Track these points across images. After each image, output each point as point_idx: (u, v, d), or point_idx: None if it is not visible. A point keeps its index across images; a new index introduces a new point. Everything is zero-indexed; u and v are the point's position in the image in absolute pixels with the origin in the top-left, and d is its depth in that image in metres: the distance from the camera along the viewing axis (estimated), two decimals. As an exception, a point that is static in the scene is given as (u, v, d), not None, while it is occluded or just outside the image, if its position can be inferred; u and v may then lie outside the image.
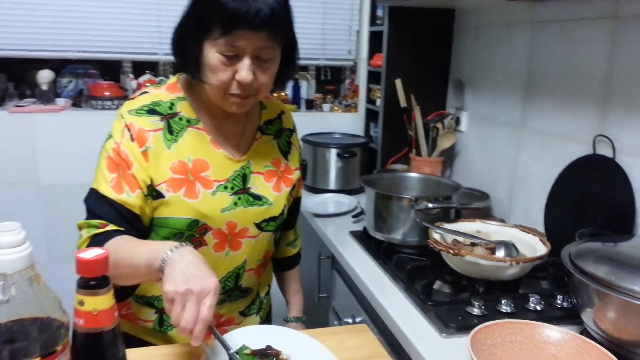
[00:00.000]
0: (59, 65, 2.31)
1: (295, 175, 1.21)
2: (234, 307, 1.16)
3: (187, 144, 1.04)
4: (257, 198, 1.10)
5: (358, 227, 1.71)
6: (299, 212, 1.36)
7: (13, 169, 2.14)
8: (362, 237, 1.61)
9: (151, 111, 1.03)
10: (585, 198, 1.42)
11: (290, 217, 1.29)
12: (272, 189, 1.13)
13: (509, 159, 1.80)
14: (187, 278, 0.79)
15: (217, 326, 1.09)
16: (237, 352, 0.88)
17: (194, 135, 1.05)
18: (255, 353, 0.88)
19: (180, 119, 1.05)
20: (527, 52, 1.70)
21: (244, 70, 0.94)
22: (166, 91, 1.07)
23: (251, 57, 0.95)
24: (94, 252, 0.63)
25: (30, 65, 2.27)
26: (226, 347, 0.83)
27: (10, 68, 2.26)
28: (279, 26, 0.95)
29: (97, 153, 1.04)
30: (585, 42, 1.46)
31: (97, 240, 0.95)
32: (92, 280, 0.62)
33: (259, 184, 1.11)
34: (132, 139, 1.00)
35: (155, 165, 1.00)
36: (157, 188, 1.01)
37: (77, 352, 0.63)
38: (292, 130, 1.24)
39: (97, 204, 0.98)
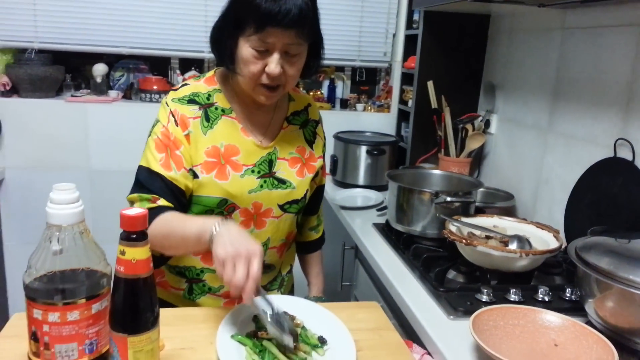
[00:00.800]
0: (113, 60, 2.48)
1: (319, 163, 1.30)
2: None
3: (220, 131, 1.15)
4: (282, 182, 1.20)
5: (381, 219, 1.79)
6: (323, 200, 1.45)
7: (67, 154, 2.32)
8: (384, 229, 1.68)
9: (191, 101, 1.15)
10: (604, 200, 1.45)
11: (313, 203, 1.38)
12: (295, 174, 1.23)
13: (535, 161, 1.83)
14: (235, 244, 0.89)
15: (239, 299, 1.20)
16: (256, 315, 0.98)
17: (227, 123, 1.17)
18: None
19: (216, 108, 1.17)
20: (557, 58, 1.74)
21: (273, 63, 1.05)
22: (204, 83, 1.19)
23: (280, 52, 1.05)
24: (135, 210, 0.74)
25: (86, 60, 2.46)
26: (272, 305, 0.92)
27: (68, 61, 2.44)
28: (306, 25, 1.04)
29: (143, 141, 1.16)
30: (611, 48, 1.49)
31: (151, 215, 1.04)
32: (132, 234, 0.73)
33: (284, 169, 1.21)
34: (177, 124, 1.12)
35: (195, 148, 1.12)
36: (194, 169, 1.12)
37: (118, 294, 0.74)
38: (318, 122, 1.33)
39: (150, 179, 1.10)
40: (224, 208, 1.15)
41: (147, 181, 1.10)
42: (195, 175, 1.13)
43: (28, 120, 2.27)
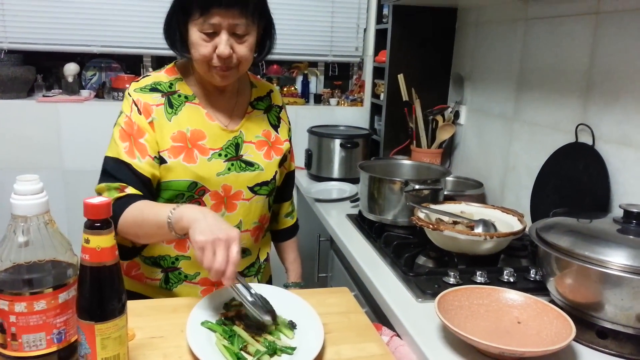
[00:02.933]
0: (84, 59, 2.47)
1: (285, 146, 1.33)
2: None
3: (185, 116, 1.18)
4: (250, 164, 1.24)
5: (355, 211, 1.82)
6: (296, 191, 1.48)
7: (39, 154, 2.30)
8: (357, 219, 1.71)
9: (153, 89, 1.18)
10: (567, 183, 1.50)
11: (286, 189, 1.44)
12: (263, 157, 1.26)
13: (502, 149, 1.88)
14: (214, 229, 0.92)
15: (219, 284, 1.23)
16: (226, 303, 1.00)
17: (191, 109, 1.20)
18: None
19: (179, 95, 1.20)
20: (520, 48, 1.79)
21: (222, 44, 1.09)
22: (165, 74, 1.23)
23: (228, 33, 1.09)
24: (99, 199, 0.75)
25: (57, 59, 2.44)
26: (249, 289, 0.96)
27: (39, 61, 2.42)
28: (249, 3, 1.09)
29: None
30: (570, 37, 1.54)
31: (120, 204, 1.08)
32: (96, 222, 0.74)
33: (250, 152, 1.25)
34: (140, 112, 1.15)
35: (160, 134, 1.15)
36: (161, 154, 1.15)
37: (84, 283, 0.75)
38: (281, 107, 1.38)
39: (116, 168, 1.12)
40: (194, 191, 1.17)
41: (113, 170, 1.12)
42: (163, 161, 1.15)
43: (-1, 122, 2.25)
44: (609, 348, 0.98)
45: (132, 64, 2.53)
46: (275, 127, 1.33)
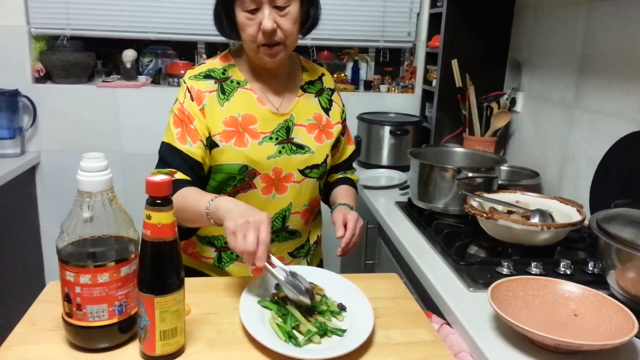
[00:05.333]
0: (141, 46, 2.54)
1: (336, 129, 1.33)
2: (283, 248, 1.30)
3: (237, 102, 1.21)
4: (300, 147, 1.25)
5: (404, 198, 1.80)
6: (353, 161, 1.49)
7: (99, 137, 2.39)
8: (407, 207, 1.69)
9: (207, 76, 1.21)
10: (631, 174, 1.43)
11: (343, 168, 1.45)
12: (314, 140, 1.27)
13: (561, 138, 1.81)
14: (244, 215, 0.95)
15: (269, 264, 1.24)
16: (277, 284, 1.01)
17: (243, 94, 1.22)
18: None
19: (232, 81, 1.22)
20: (582, 32, 1.71)
21: (265, 18, 1.10)
22: (219, 60, 1.25)
23: (269, 6, 1.10)
24: (160, 177, 0.77)
25: (115, 46, 2.52)
26: (284, 269, 0.97)
27: (98, 48, 2.51)
28: None
29: None
30: (637, 20, 1.46)
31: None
32: (157, 199, 0.77)
33: (301, 135, 1.25)
34: (192, 99, 1.18)
35: (211, 119, 1.18)
36: (213, 139, 1.18)
37: (145, 257, 0.78)
38: (334, 90, 1.37)
39: (169, 154, 1.17)
40: (245, 174, 1.20)
41: (166, 156, 1.18)
42: (215, 145, 1.18)
43: (61, 106, 2.35)
44: (673, 346, 0.94)
45: (186, 51, 2.59)
46: (327, 111, 1.33)
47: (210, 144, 1.19)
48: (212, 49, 2.57)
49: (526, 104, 2.07)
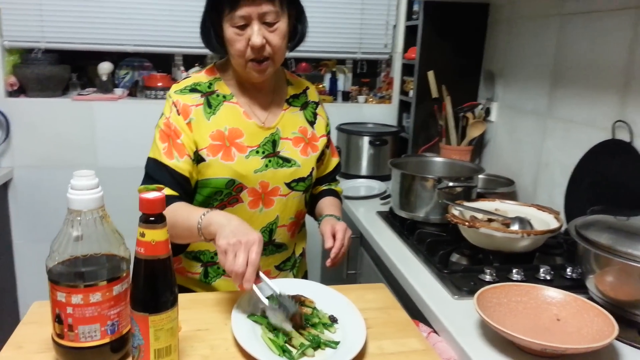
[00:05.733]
0: (117, 59, 2.52)
1: (321, 141, 1.34)
2: (270, 261, 1.31)
3: (223, 115, 1.21)
4: (287, 160, 1.25)
5: (385, 208, 1.83)
6: (337, 180, 1.50)
7: (74, 152, 2.35)
8: (389, 217, 1.72)
9: (193, 90, 1.21)
10: (603, 181, 1.48)
11: (327, 180, 1.45)
12: (299, 153, 1.28)
13: (535, 146, 1.87)
14: (237, 234, 0.95)
15: (256, 277, 1.24)
16: (269, 297, 1.02)
17: (229, 108, 1.22)
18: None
19: (218, 95, 1.23)
20: (555, 44, 1.77)
21: (254, 34, 1.11)
22: (205, 74, 1.26)
23: (259, 22, 1.11)
24: (153, 194, 0.77)
25: (90, 59, 2.48)
26: (272, 289, 0.98)
27: (73, 60, 2.47)
28: None
29: (149, 138, 1.21)
30: (607, 32, 1.52)
31: None
32: (151, 216, 0.76)
33: (287, 148, 1.26)
34: (178, 113, 1.18)
35: (198, 133, 1.18)
36: (200, 153, 1.18)
37: (138, 275, 0.78)
38: (318, 103, 1.38)
39: (155, 169, 1.17)
40: (232, 188, 1.20)
41: (153, 171, 1.17)
42: (202, 159, 1.18)
43: (36, 120, 2.31)
44: (651, 347, 0.98)
45: (163, 63, 2.57)
46: (312, 124, 1.33)
47: (197, 159, 1.19)
48: (189, 61, 2.56)
49: (500, 113, 2.12)
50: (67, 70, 2.36)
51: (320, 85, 2.64)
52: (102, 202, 0.81)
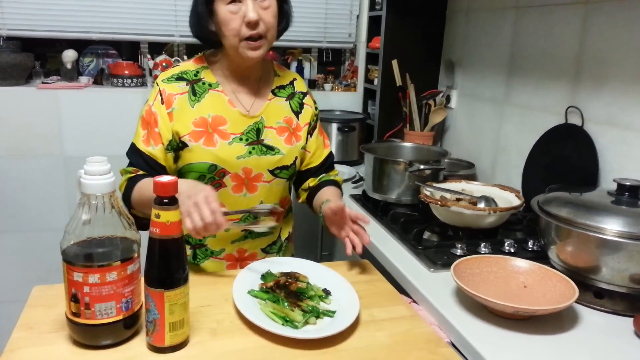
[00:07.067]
0: (80, 46, 2.47)
1: (304, 131, 1.37)
2: (257, 244, 1.37)
3: (208, 103, 1.26)
4: (270, 148, 1.31)
5: (357, 191, 1.91)
6: (333, 167, 1.50)
7: (40, 141, 2.31)
8: (362, 199, 1.81)
9: (179, 78, 1.27)
10: (557, 162, 1.62)
11: (320, 171, 1.44)
12: (284, 142, 1.33)
13: (493, 131, 2.00)
14: (190, 196, 1.03)
15: (242, 260, 1.31)
16: (263, 275, 1.09)
17: (214, 96, 1.27)
18: (281, 274, 1.09)
19: (204, 83, 1.28)
20: (511, 34, 1.89)
21: (249, 10, 1.16)
22: (193, 62, 1.31)
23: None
24: (167, 177, 0.82)
25: (52, 46, 2.44)
26: (243, 211, 1.11)
27: (36, 48, 2.42)
28: None
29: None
30: (560, 24, 1.65)
31: (131, 181, 1.21)
32: (165, 198, 0.81)
33: (271, 137, 1.31)
34: (162, 102, 1.24)
35: (180, 121, 1.23)
36: (182, 139, 1.23)
37: (154, 254, 0.83)
38: (305, 94, 1.42)
39: (133, 154, 1.24)
40: (214, 173, 1.25)
41: (131, 156, 1.25)
42: (185, 145, 1.24)
43: (-1, 109, 2.26)
44: (605, 306, 1.10)
45: (129, 51, 2.55)
46: (297, 114, 1.38)
47: (180, 145, 1.24)
48: (156, 49, 2.55)
49: (460, 100, 2.25)
50: (30, 58, 2.31)
51: (287, 73, 2.70)
52: (114, 187, 0.85)
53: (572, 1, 1.60)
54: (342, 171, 2.17)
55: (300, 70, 2.70)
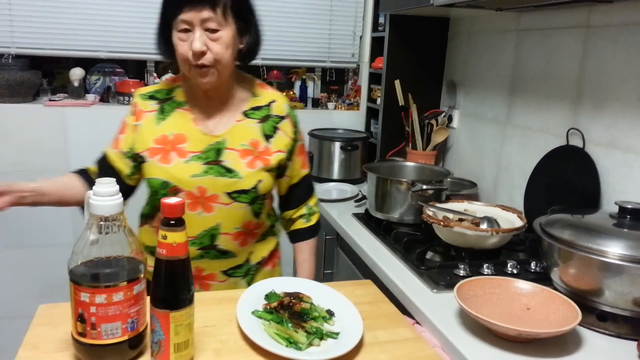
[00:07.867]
0: (88, 64, 2.51)
1: (275, 157, 1.31)
2: (215, 265, 1.34)
3: (173, 122, 1.30)
4: (229, 171, 1.27)
5: (360, 210, 1.92)
6: (313, 191, 1.49)
7: (46, 157, 2.33)
8: (364, 218, 1.82)
9: (151, 97, 1.33)
10: (559, 183, 1.63)
11: (295, 195, 1.44)
12: (245, 165, 1.27)
13: (495, 151, 2.01)
14: None
15: (201, 279, 1.35)
16: (267, 295, 1.09)
17: (180, 115, 1.31)
18: (285, 294, 1.09)
19: (173, 102, 1.32)
20: (513, 57, 1.92)
21: (195, 40, 1.17)
22: (169, 81, 1.37)
23: (201, 29, 1.17)
24: (174, 199, 0.83)
25: (60, 64, 2.47)
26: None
27: (44, 66, 2.45)
28: (220, 1, 1.17)
29: None
30: (561, 48, 1.68)
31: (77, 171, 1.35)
32: (172, 220, 0.82)
33: (232, 159, 1.27)
34: (133, 114, 1.32)
35: (141, 137, 1.29)
36: (141, 154, 1.29)
37: (160, 275, 0.84)
38: (282, 117, 1.35)
39: (101, 155, 1.36)
40: (167, 190, 1.27)
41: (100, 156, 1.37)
42: (143, 160, 1.29)
43: (7, 125, 2.27)
44: (608, 330, 1.11)
45: (136, 69, 2.59)
46: (268, 137, 1.32)
47: (139, 159, 1.30)
48: (163, 67, 2.59)
49: (462, 120, 2.27)
50: (38, 76, 2.34)
51: (291, 92, 2.73)
52: (122, 208, 0.86)
53: (573, 25, 1.62)
54: (343, 189, 2.20)
55: (304, 90, 2.74)
